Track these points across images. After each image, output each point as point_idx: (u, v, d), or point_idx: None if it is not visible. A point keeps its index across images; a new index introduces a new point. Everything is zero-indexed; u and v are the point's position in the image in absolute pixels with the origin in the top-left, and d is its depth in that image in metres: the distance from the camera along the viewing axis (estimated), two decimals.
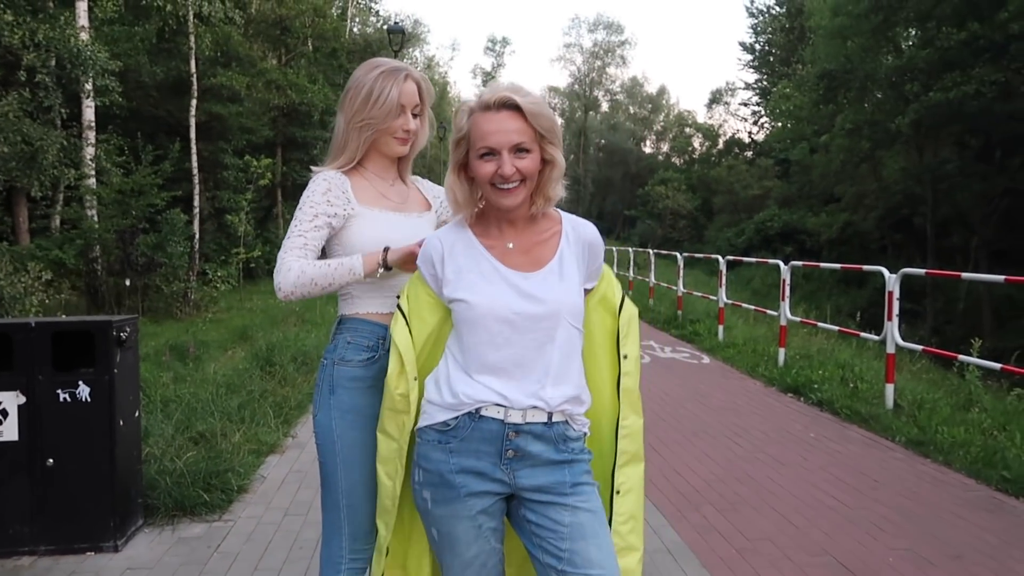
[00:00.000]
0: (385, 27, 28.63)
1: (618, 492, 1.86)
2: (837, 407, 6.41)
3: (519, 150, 1.69)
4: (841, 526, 3.89)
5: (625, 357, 1.86)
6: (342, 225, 2.02)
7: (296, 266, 1.94)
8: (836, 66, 25.05)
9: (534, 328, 1.71)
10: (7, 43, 8.13)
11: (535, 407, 1.71)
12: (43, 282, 10.06)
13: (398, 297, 1.91)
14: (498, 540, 1.79)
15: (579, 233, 1.82)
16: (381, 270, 1.99)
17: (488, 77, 67.18)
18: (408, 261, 1.95)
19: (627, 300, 1.90)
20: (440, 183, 2.11)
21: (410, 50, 48.38)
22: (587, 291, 1.84)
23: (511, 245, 1.78)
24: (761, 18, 52.30)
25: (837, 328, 8.60)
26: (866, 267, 8.57)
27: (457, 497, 1.72)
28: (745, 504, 4.21)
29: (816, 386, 6.97)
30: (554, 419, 1.74)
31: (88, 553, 3.39)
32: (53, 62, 9.20)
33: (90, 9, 13.46)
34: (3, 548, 3.34)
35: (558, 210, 1.86)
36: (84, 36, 11.90)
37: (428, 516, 1.78)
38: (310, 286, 1.93)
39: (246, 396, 6.00)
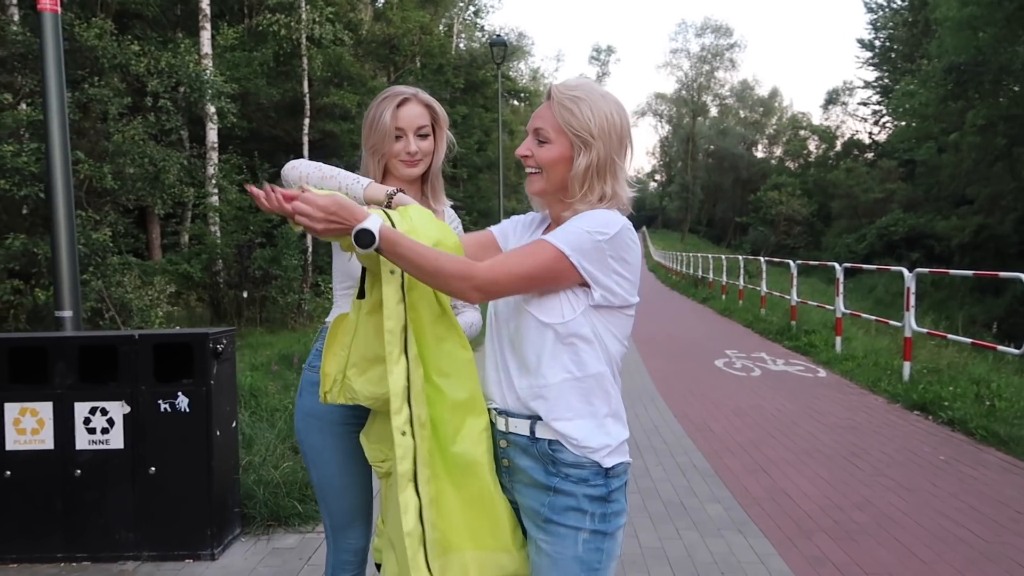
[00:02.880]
0: (488, 41, 29.02)
1: None
2: (971, 427, 5.85)
3: (539, 137, 1.64)
4: (975, 562, 3.49)
5: None
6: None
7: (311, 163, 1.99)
8: (966, 59, 23.41)
9: (507, 323, 1.66)
10: (134, 71, 8.66)
11: (506, 411, 1.64)
12: (167, 295, 10.66)
13: None
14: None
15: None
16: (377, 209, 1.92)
17: None
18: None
19: None
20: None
21: (515, 63, 48.83)
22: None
23: None
24: (881, 13, 49.76)
25: (970, 340, 7.89)
26: (1003, 274, 7.81)
27: None
28: (863, 533, 3.85)
29: (947, 403, 6.40)
30: (537, 434, 1.60)
31: (187, 560, 3.47)
32: (181, 89, 9.77)
33: (212, 37, 14.31)
34: (109, 553, 3.46)
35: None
36: (207, 63, 12.65)
37: None
38: (315, 176, 1.94)
39: None
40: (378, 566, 2.07)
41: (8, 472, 3.43)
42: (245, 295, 13.74)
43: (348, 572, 2.23)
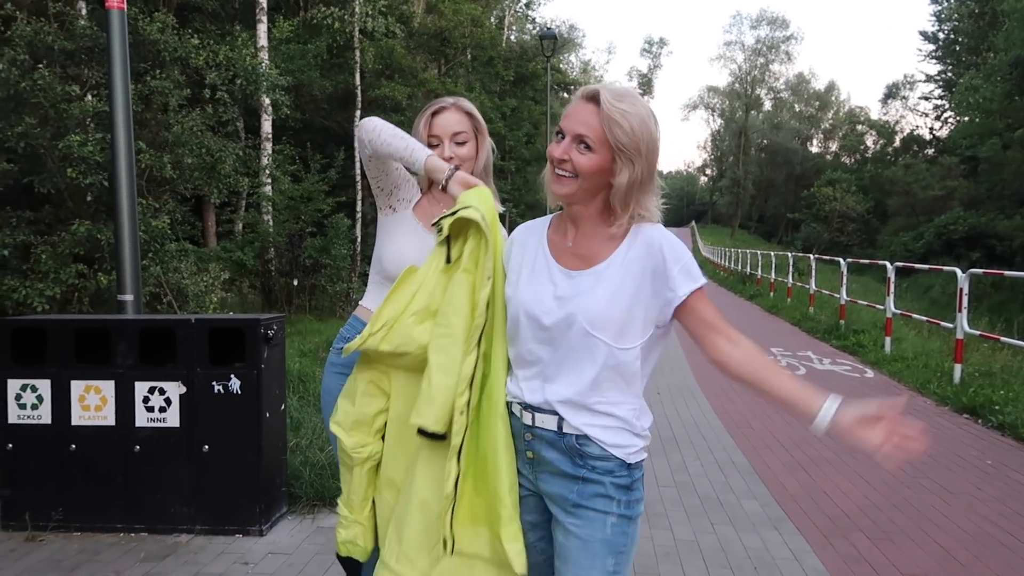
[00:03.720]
0: (538, 33, 28.99)
1: None
2: (1022, 432, 5.73)
3: (582, 143, 1.62)
4: (1017, 567, 3.45)
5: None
6: (393, 210, 2.24)
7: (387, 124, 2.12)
8: None
9: (552, 328, 1.66)
10: (194, 64, 8.94)
11: (541, 409, 1.68)
12: (222, 281, 11.00)
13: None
14: (536, 534, 1.77)
15: (643, 237, 1.67)
16: (438, 183, 2.05)
17: (643, 79, 66.31)
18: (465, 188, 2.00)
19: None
20: None
21: (565, 55, 48.65)
22: (681, 305, 1.65)
23: (570, 244, 1.73)
24: (946, 4, 48.14)
25: None
26: None
27: None
28: (902, 534, 3.83)
29: (997, 408, 6.27)
30: (564, 430, 1.65)
31: (236, 535, 3.64)
32: (237, 81, 10.04)
33: (268, 30, 14.65)
34: (164, 525, 3.65)
35: (652, 224, 1.71)
36: (263, 56, 12.97)
37: None
38: (387, 133, 2.08)
39: None
40: (345, 561, 2.17)
41: (73, 446, 3.64)
42: (296, 283, 14.06)
43: None
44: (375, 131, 2.09)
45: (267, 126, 14.41)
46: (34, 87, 7.73)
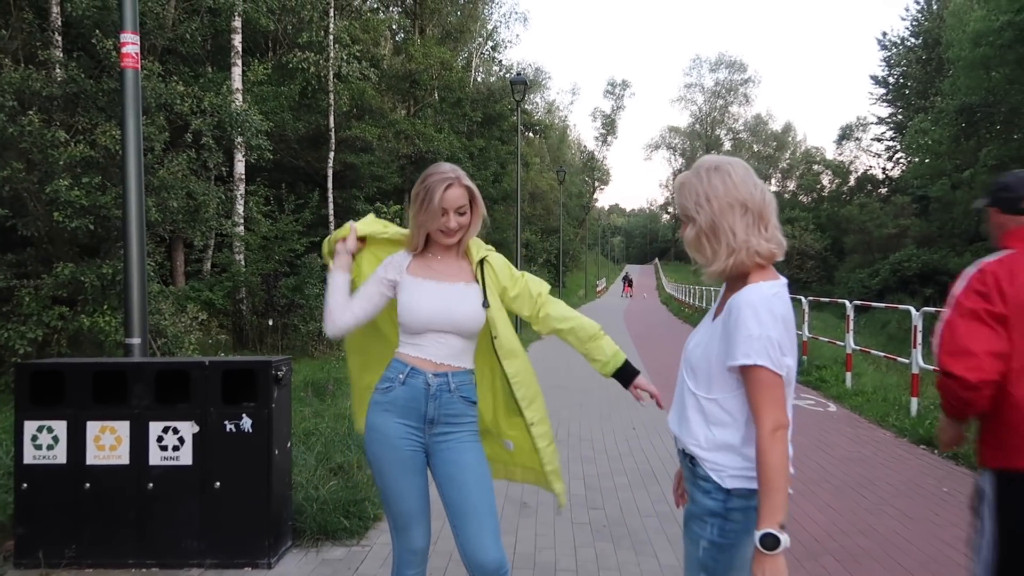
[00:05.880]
0: (507, 76, 29.63)
1: (532, 424, 2.63)
2: (974, 461, 6.10)
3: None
4: None
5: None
6: (394, 288, 2.61)
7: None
8: (978, 99, 23.82)
9: (697, 370, 2.07)
10: (178, 110, 9.17)
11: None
12: (199, 322, 11.09)
13: None
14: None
15: None
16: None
17: (607, 120, 67.73)
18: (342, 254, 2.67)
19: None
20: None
21: (531, 96, 49.63)
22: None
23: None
24: (895, 50, 50.33)
25: None
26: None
27: None
28: (868, 557, 4.14)
29: None
30: (679, 446, 2.10)
31: (246, 568, 3.81)
32: (216, 124, 10.27)
33: (243, 73, 14.92)
34: (175, 560, 3.80)
35: None
36: (238, 98, 13.21)
37: None
38: (331, 304, 2.61)
39: None
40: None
41: (88, 484, 3.79)
42: (271, 323, 14.13)
43: (412, 569, 2.57)
44: (332, 317, 2.59)
45: (240, 167, 14.59)
46: (22, 132, 7.89)
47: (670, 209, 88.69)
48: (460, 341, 2.55)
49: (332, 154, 18.81)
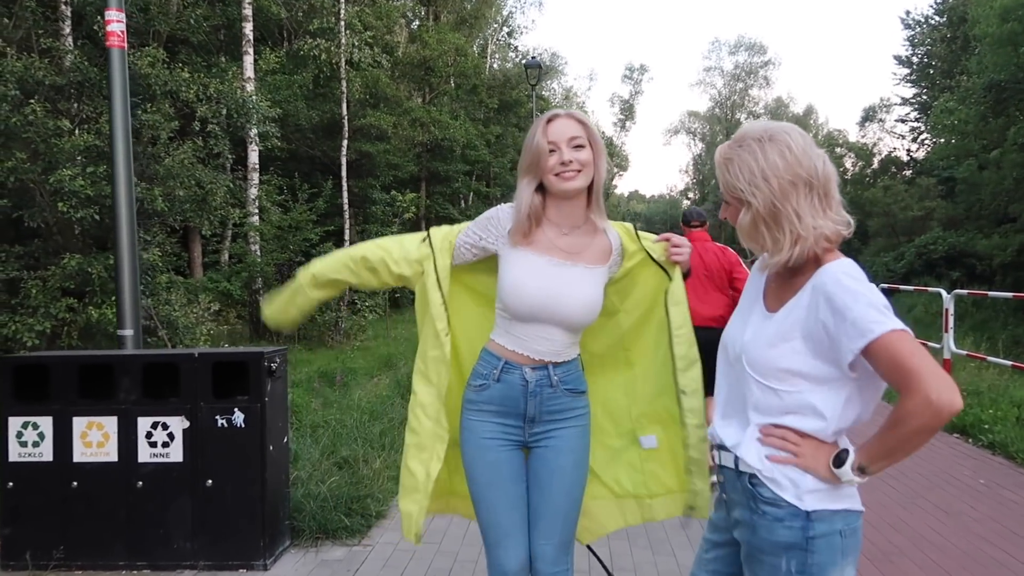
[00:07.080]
0: (523, 62, 29.29)
1: (684, 392, 2.20)
2: (1012, 451, 5.81)
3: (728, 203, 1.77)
4: None
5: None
6: (487, 254, 2.22)
7: None
8: (1006, 76, 23.09)
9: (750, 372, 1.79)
10: (184, 98, 8.99)
11: (720, 446, 1.78)
12: (212, 312, 10.96)
13: None
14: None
15: None
16: None
17: (625, 105, 67.05)
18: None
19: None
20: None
21: (548, 82, 49.15)
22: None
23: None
24: (918, 29, 49.21)
25: (1011, 363, 7.81)
26: None
27: None
28: (900, 554, 3.88)
29: (987, 427, 6.36)
30: (741, 467, 1.66)
31: (240, 570, 3.63)
32: (224, 112, 10.10)
33: (255, 61, 14.75)
34: (167, 561, 3.63)
35: None
36: (249, 87, 13.04)
37: None
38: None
39: (387, 423, 6.23)
40: None
41: (75, 483, 3.63)
42: None
43: None
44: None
45: (254, 157, 14.44)
46: (25, 122, 7.75)
47: (690, 195, 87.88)
48: (565, 336, 2.16)
49: (346, 143, 18.63)
